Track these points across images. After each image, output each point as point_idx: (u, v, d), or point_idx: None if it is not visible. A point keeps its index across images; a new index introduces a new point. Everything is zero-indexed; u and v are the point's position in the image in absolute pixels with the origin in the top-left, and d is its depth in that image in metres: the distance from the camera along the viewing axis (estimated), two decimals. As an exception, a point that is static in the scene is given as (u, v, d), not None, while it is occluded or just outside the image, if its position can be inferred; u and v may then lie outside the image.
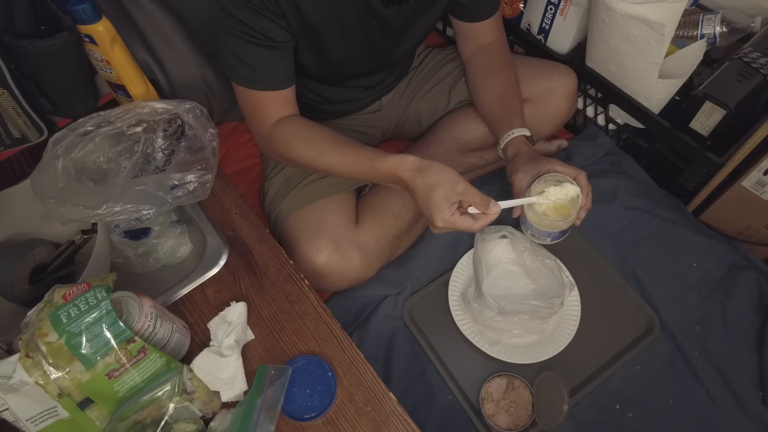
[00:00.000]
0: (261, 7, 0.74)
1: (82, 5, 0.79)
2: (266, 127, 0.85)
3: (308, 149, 0.82)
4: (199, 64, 1.00)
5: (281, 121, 0.85)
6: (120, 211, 0.74)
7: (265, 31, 0.76)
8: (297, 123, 0.85)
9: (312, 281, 0.81)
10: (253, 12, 0.74)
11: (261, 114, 0.85)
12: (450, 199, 0.72)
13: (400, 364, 0.95)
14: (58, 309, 0.58)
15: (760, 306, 0.99)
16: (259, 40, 0.77)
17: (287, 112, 0.86)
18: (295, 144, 0.83)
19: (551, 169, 0.83)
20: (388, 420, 0.67)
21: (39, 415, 0.59)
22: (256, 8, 0.74)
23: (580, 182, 0.83)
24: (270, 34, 0.77)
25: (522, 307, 0.90)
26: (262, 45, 0.78)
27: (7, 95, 0.79)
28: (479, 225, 0.74)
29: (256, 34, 0.77)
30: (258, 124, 0.86)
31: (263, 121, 0.85)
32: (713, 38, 1.07)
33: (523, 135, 0.91)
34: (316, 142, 0.82)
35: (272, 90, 0.83)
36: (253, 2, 0.73)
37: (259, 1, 0.73)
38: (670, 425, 0.89)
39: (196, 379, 0.66)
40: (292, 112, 0.87)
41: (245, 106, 0.86)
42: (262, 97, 0.83)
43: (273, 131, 0.85)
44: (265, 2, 0.74)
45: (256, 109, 0.85)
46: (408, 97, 1.15)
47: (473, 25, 0.99)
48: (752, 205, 1.02)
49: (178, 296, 0.77)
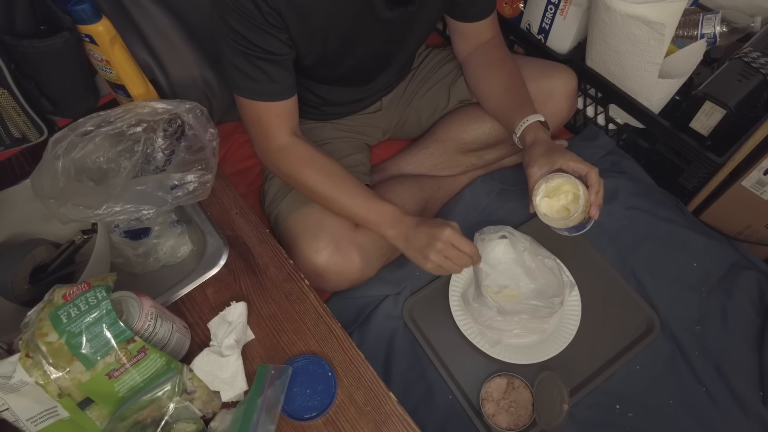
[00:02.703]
0: (262, 23, 0.74)
1: (82, 5, 0.79)
2: (272, 142, 0.86)
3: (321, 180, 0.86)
4: (199, 64, 1.00)
5: (294, 143, 0.86)
6: (120, 211, 0.74)
7: (265, 45, 0.76)
8: (310, 149, 0.87)
9: (312, 281, 0.81)
10: (254, 27, 0.74)
11: (264, 125, 0.85)
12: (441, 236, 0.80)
13: (400, 364, 0.95)
14: (59, 309, 0.58)
15: (760, 306, 0.99)
16: (259, 54, 0.77)
17: (289, 123, 0.87)
18: (309, 170, 0.86)
19: (563, 165, 0.83)
20: (388, 420, 0.67)
21: (39, 415, 0.59)
22: (257, 24, 0.74)
23: (591, 179, 0.82)
24: (270, 48, 0.77)
25: (522, 306, 0.90)
26: (262, 58, 0.78)
27: (7, 95, 0.79)
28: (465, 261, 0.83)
29: (257, 49, 0.76)
30: (264, 137, 0.86)
31: (270, 134, 0.86)
32: (713, 38, 1.07)
33: (538, 120, 0.90)
34: (331, 175, 0.87)
35: (274, 101, 0.83)
36: (255, 18, 0.73)
37: (261, 17, 0.73)
38: (670, 425, 0.89)
39: (196, 379, 0.66)
40: (295, 124, 0.88)
41: (248, 117, 0.86)
42: (264, 109, 0.83)
43: (283, 150, 0.86)
44: (267, 17, 0.73)
45: (260, 120, 0.85)
46: (408, 97, 1.15)
47: (471, 24, 0.99)
48: (752, 204, 1.02)
49: (178, 296, 0.77)
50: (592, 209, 0.83)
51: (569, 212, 0.85)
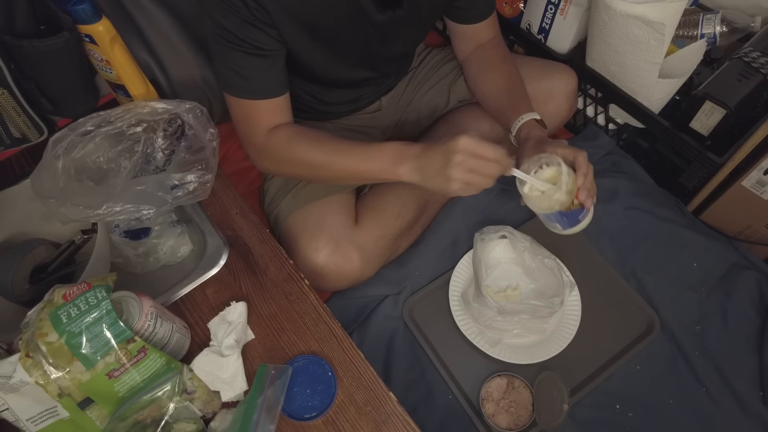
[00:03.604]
0: (249, 17, 0.73)
1: (82, 5, 0.79)
2: (260, 135, 0.84)
3: (313, 148, 0.81)
4: (199, 64, 1.00)
5: (277, 127, 0.84)
6: (120, 211, 0.74)
7: (252, 40, 0.76)
8: (296, 126, 0.85)
9: (312, 281, 0.81)
10: (241, 22, 0.74)
11: (255, 123, 0.83)
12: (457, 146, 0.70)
13: (400, 364, 0.95)
14: (59, 309, 0.58)
15: (760, 306, 0.99)
16: (248, 49, 0.76)
17: (281, 120, 0.85)
18: (299, 145, 0.81)
19: (552, 152, 0.78)
20: (388, 420, 0.67)
21: (39, 415, 0.59)
22: (244, 18, 0.73)
23: (578, 162, 0.78)
24: (258, 43, 0.76)
25: (522, 306, 0.90)
26: (251, 53, 0.77)
27: (7, 95, 0.79)
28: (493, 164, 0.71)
29: (244, 43, 0.76)
30: (252, 133, 0.84)
31: (257, 130, 0.83)
32: (713, 38, 1.07)
33: (533, 119, 0.88)
34: (321, 140, 0.81)
35: (264, 99, 0.82)
36: (241, 12, 0.73)
37: (248, 11, 0.73)
38: (670, 425, 0.89)
39: (196, 378, 0.66)
40: (287, 121, 0.86)
41: (236, 116, 0.84)
42: (255, 107, 0.82)
43: (269, 137, 0.83)
44: (254, 11, 0.73)
45: (249, 118, 0.83)
46: (408, 97, 1.15)
47: (470, 26, 0.99)
48: (752, 204, 1.02)
49: (178, 296, 0.77)
50: (581, 194, 0.77)
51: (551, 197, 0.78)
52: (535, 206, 0.80)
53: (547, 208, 0.78)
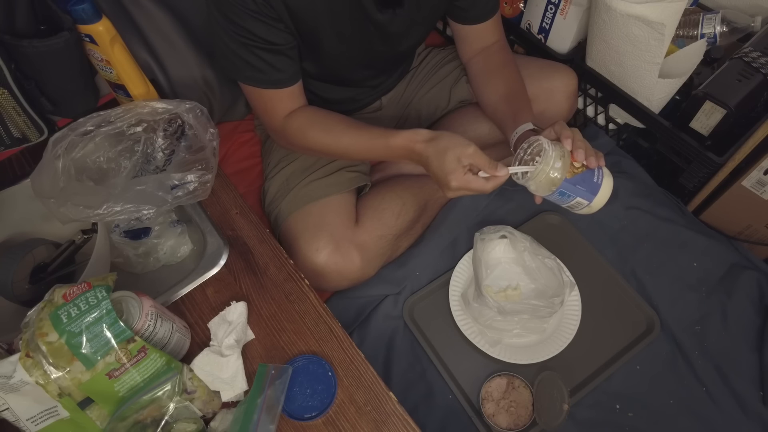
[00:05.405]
0: (258, 12, 0.74)
1: (82, 5, 0.79)
2: (278, 121, 0.88)
3: (324, 136, 0.85)
4: (199, 64, 1.00)
5: (293, 113, 0.87)
6: (120, 210, 0.74)
7: (264, 35, 0.77)
8: (309, 112, 0.87)
9: (312, 281, 0.81)
10: (251, 17, 0.75)
11: (272, 110, 0.87)
12: (462, 161, 0.73)
13: (401, 363, 0.95)
14: (59, 309, 0.58)
15: (760, 306, 0.99)
16: (260, 44, 0.78)
17: (296, 105, 0.88)
18: (311, 133, 0.86)
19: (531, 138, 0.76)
20: (388, 420, 0.67)
21: (39, 414, 0.59)
22: (253, 14, 0.74)
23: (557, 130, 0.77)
24: (269, 38, 0.78)
25: (522, 306, 0.91)
26: (264, 48, 0.78)
27: (7, 95, 0.79)
28: (490, 186, 0.75)
29: (257, 39, 0.77)
30: (270, 119, 0.88)
31: (275, 117, 0.87)
32: (713, 38, 1.07)
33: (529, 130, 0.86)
34: (331, 127, 0.85)
35: (279, 88, 0.84)
36: (250, 8, 0.74)
37: (256, 7, 0.74)
38: (670, 425, 0.89)
39: (196, 378, 0.65)
40: (302, 104, 0.89)
41: (254, 102, 0.88)
42: (270, 95, 0.85)
43: (286, 124, 0.87)
44: (261, 7, 0.74)
45: (266, 106, 0.87)
46: (408, 97, 1.15)
47: (472, 27, 0.98)
48: (752, 204, 1.02)
49: (178, 296, 0.77)
50: (577, 154, 0.74)
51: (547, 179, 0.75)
52: (543, 190, 0.76)
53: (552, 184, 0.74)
